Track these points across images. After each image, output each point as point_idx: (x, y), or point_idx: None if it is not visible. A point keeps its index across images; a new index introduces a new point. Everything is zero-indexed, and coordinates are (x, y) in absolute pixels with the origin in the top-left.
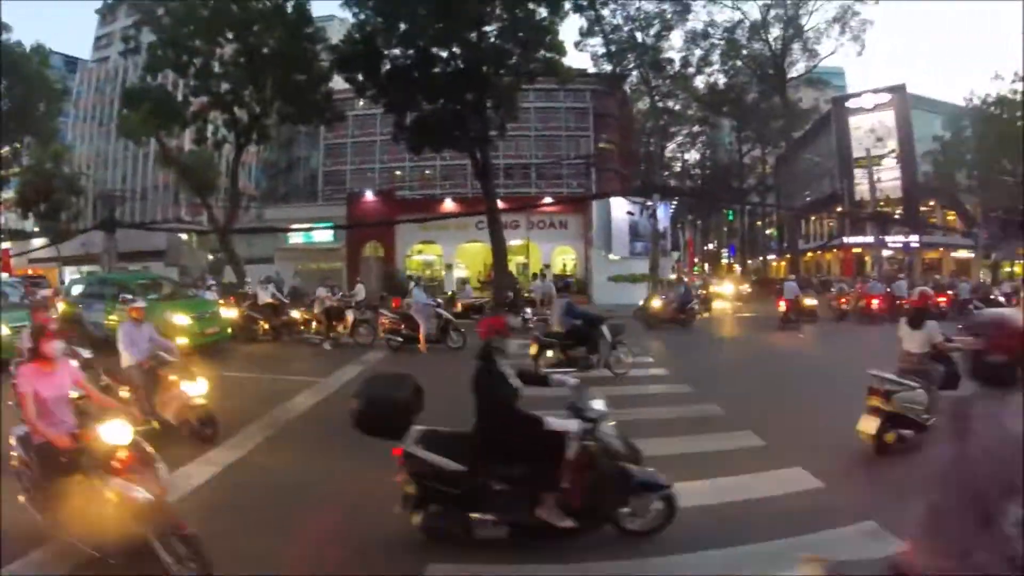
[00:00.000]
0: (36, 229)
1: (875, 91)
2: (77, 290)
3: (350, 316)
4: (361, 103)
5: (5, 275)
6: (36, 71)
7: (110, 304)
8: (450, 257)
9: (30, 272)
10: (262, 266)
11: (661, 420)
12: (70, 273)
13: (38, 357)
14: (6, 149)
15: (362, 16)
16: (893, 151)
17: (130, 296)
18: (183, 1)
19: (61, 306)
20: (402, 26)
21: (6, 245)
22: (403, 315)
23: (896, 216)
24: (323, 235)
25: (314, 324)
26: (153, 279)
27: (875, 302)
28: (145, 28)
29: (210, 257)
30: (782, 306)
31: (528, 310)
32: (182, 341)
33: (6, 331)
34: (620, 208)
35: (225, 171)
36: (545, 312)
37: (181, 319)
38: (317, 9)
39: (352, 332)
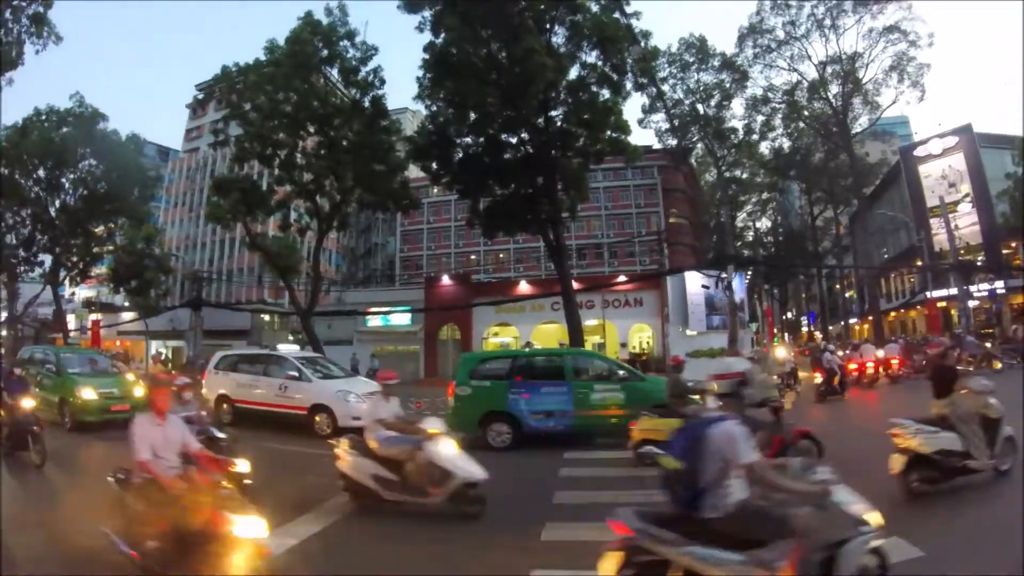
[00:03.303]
0: (126, 304)
1: (941, 135)
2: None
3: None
4: (436, 190)
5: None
6: (131, 159)
7: None
8: (526, 338)
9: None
10: (341, 347)
11: None
12: (156, 346)
13: None
14: (101, 228)
15: (434, 108)
16: (967, 195)
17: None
18: (268, 98)
19: None
20: (472, 116)
21: (97, 317)
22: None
23: (979, 263)
24: (401, 318)
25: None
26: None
27: None
28: (232, 122)
29: (291, 338)
30: (817, 377)
31: None
32: None
33: (94, 396)
34: (695, 282)
35: (307, 256)
36: None
37: None
38: (392, 103)
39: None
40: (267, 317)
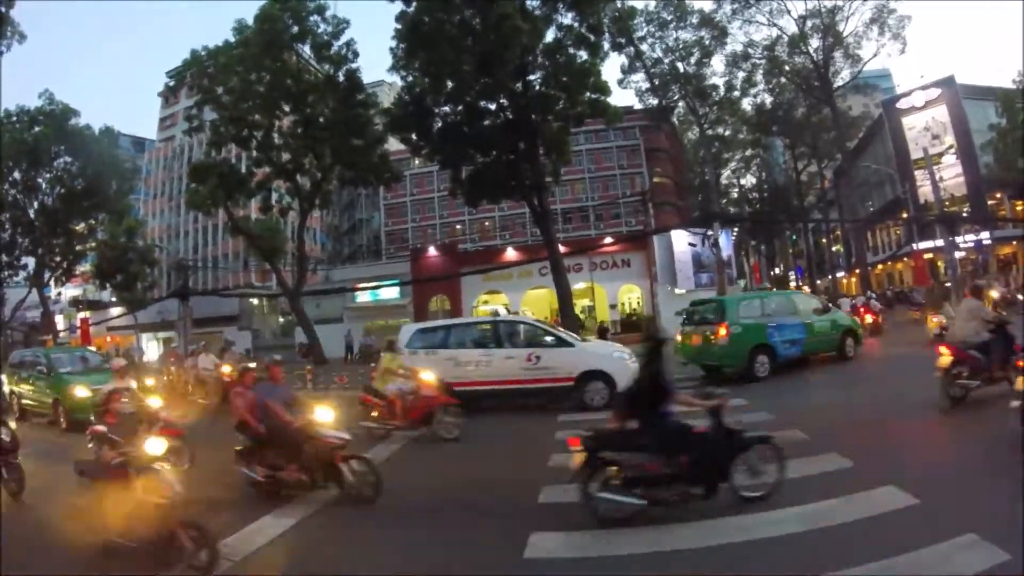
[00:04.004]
0: (113, 299)
1: (924, 87)
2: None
3: None
4: (417, 162)
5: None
6: (107, 152)
7: None
8: (516, 305)
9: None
10: (332, 325)
11: None
12: (147, 339)
13: None
14: (82, 226)
15: (410, 78)
16: (951, 147)
17: None
18: (241, 79)
19: None
20: (449, 84)
21: (85, 315)
22: None
23: (964, 214)
24: (389, 292)
25: None
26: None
27: None
28: (206, 107)
29: (280, 319)
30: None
31: None
32: None
33: (87, 393)
34: (681, 241)
35: (291, 236)
36: None
37: None
38: (367, 76)
39: None
40: (255, 301)
